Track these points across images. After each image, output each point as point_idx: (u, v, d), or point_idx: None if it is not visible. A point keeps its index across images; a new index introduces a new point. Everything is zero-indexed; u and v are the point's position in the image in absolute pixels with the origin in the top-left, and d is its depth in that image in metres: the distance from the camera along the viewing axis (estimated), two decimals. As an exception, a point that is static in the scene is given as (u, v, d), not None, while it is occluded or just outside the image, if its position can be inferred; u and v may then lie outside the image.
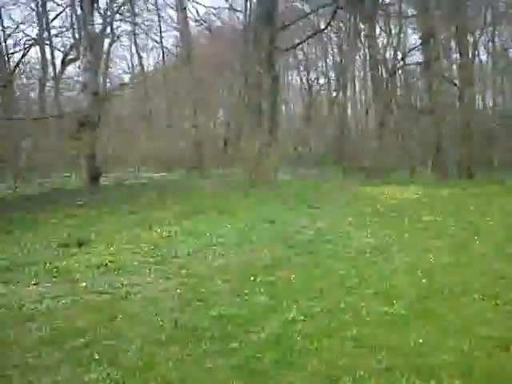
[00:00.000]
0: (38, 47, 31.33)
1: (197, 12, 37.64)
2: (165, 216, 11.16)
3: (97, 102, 19.44)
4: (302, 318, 4.68)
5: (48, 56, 31.57)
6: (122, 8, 31.79)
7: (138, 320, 4.77)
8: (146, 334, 4.41)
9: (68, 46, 32.51)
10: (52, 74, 32.04)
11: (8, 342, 4.32)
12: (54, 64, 33.11)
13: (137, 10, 32.87)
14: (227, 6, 32.41)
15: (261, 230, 9.22)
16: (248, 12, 26.44)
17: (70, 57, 32.36)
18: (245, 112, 26.85)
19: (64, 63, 32.98)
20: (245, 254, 7.39)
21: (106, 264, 6.82)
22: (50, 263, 6.94)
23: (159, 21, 33.12)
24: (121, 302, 5.32)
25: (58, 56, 33.75)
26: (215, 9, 32.37)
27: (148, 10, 33.16)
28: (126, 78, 38.50)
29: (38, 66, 31.59)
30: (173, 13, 31.14)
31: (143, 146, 26.37)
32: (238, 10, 30.75)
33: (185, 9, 27.77)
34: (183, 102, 27.86)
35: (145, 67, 37.86)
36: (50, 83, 31.82)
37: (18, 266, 6.86)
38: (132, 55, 37.67)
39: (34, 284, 6.07)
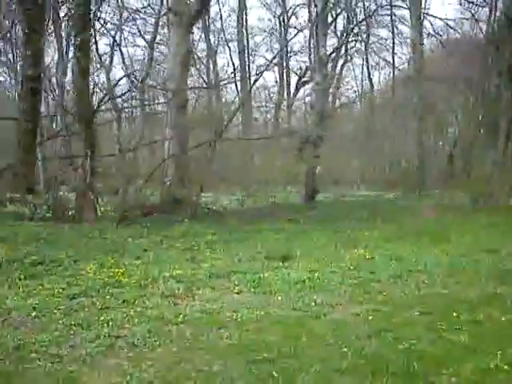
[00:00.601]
0: (276, 70, 34.24)
1: (431, 25, 35.74)
2: (372, 236, 10.89)
3: (321, 121, 20.19)
4: (507, 367, 3.97)
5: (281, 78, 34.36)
6: (357, 28, 32.45)
7: (322, 342, 4.66)
8: (328, 358, 4.27)
9: (304, 69, 34.59)
10: (286, 95, 34.59)
11: (199, 346, 4.62)
12: (289, 85, 35.73)
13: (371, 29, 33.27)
14: (468, 17, 29.98)
15: (475, 261, 8.24)
16: (492, 22, 24.45)
17: (304, 79, 34.38)
18: (478, 129, 25.08)
19: (298, 86, 35.20)
20: (451, 286, 6.68)
21: (304, 280, 6.88)
22: (254, 274, 7.32)
23: (393, 38, 32.95)
24: (310, 321, 5.28)
25: (293, 77, 36.22)
26: (454, 21, 30.50)
27: (382, 27, 33.27)
28: (355, 96, 39.13)
29: (274, 89, 34.47)
30: (406, 29, 30.55)
31: (363, 163, 26.33)
32: (481, 20, 28.59)
33: (421, 24, 27.02)
34: (410, 120, 27.00)
35: (375, 85, 38.00)
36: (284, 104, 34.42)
37: (226, 274, 7.39)
38: (363, 73, 38.22)
39: (236, 293, 6.46)
